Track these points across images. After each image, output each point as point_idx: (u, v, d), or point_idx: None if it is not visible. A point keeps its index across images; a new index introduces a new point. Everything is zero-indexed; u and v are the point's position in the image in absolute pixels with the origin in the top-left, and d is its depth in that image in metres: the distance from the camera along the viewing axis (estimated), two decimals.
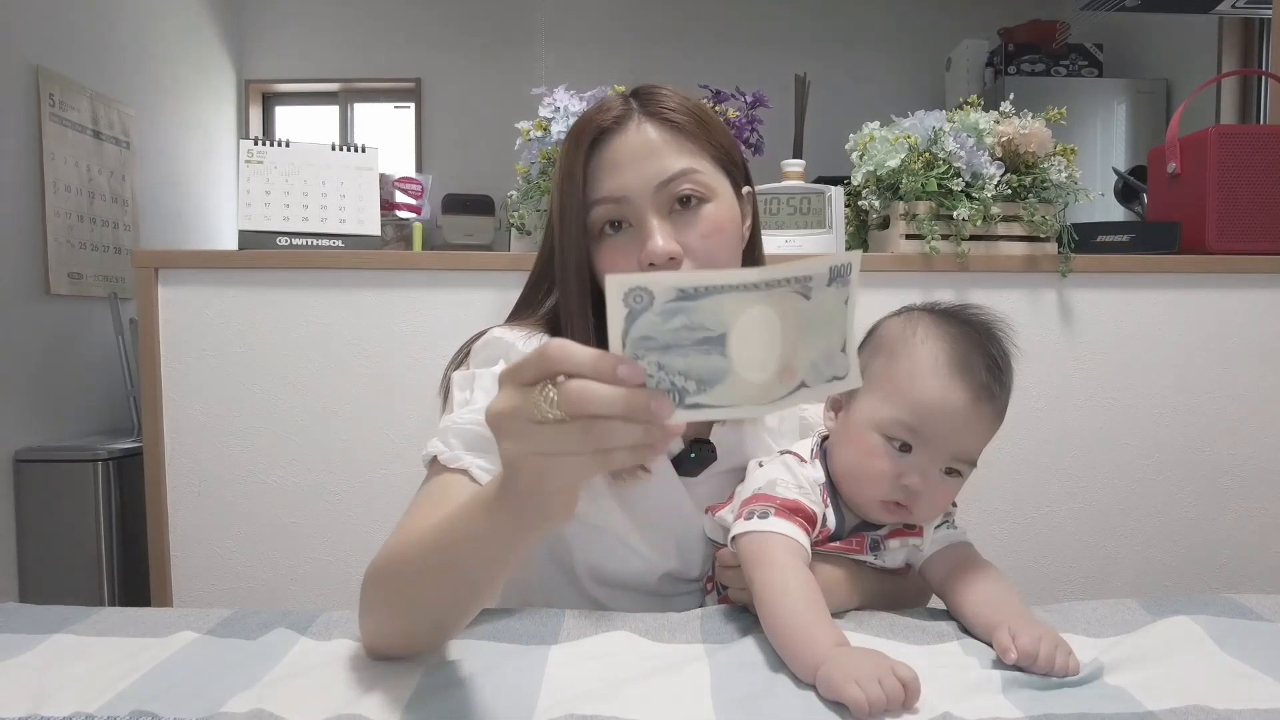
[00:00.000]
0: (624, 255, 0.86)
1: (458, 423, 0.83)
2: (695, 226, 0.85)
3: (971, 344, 0.82)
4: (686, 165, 0.85)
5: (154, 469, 1.61)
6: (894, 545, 0.86)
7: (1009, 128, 1.57)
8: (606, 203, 0.86)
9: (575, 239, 0.87)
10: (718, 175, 0.88)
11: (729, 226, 0.88)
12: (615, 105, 0.88)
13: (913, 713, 0.63)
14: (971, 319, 0.85)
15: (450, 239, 2.49)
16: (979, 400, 0.80)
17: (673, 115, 0.87)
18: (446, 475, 0.81)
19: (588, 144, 0.86)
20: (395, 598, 0.69)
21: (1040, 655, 0.70)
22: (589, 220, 0.87)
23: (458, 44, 4.16)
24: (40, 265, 2.53)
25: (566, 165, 0.88)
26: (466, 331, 0.95)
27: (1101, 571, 1.67)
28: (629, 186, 0.85)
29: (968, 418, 0.80)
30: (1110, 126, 3.64)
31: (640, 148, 0.85)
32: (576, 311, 0.88)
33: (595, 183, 0.86)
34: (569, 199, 0.87)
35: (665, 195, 0.85)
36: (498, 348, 0.89)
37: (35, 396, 2.49)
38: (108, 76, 2.92)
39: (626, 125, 0.87)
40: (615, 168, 0.85)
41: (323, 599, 1.61)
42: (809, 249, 1.61)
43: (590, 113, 0.89)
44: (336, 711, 0.62)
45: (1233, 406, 1.66)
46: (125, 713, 0.62)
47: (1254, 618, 0.82)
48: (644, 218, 0.85)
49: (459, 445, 0.81)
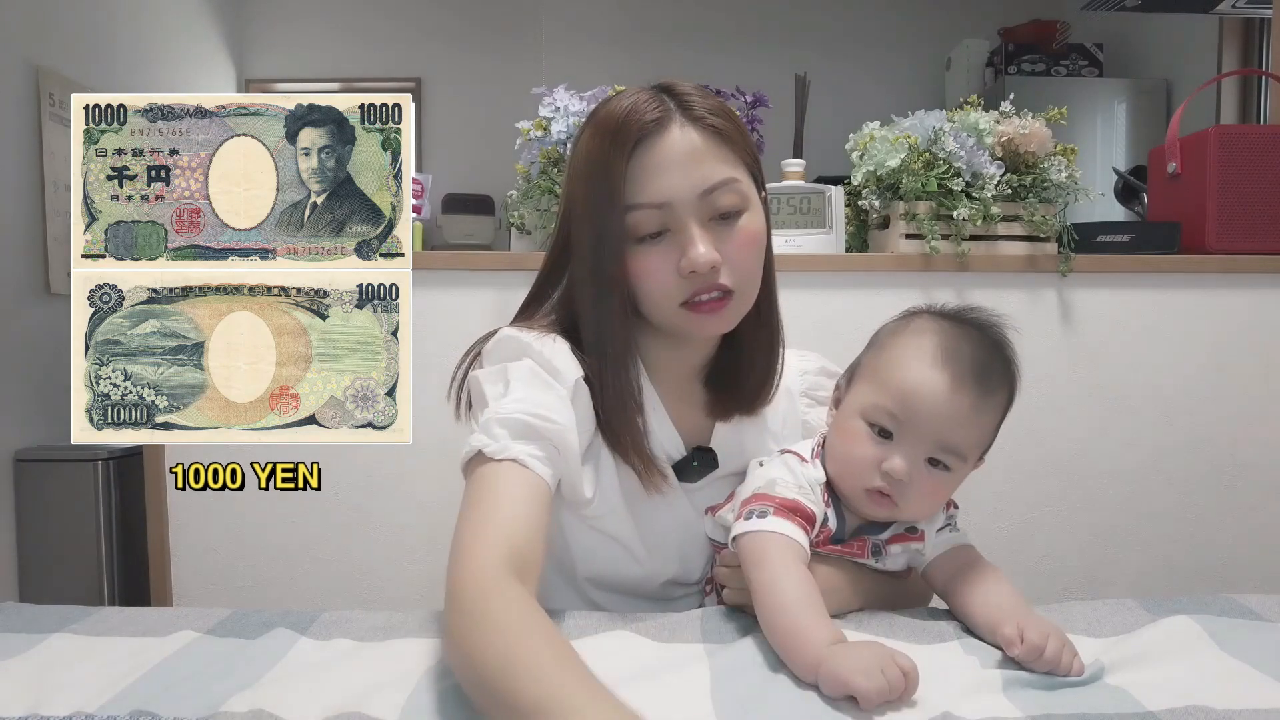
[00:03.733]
0: (661, 261, 0.84)
1: (500, 414, 0.79)
2: (733, 237, 0.84)
3: (962, 337, 0.82)
4: (728, 174, 0.84)
5: (154, 469, 1.61)
6: (896, 550, 0.86)
7: (1009, 127, 1.57)
8: (647, 208, 0.83)
9: (613, 242, 0.84)
10: (749, 182, 0.87)
11: (761, 236, 0.88)
12: (651, 105, 0.84)
13: (911, 705, 0.64)
14: (972, 318, 0.85)
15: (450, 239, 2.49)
16: (961, 388, 0.79)
17: (713, 120, 0.85)
18: (495, 466, 0.77)
19: (630, 145, 0.82)
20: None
21: (1047, 651, 0.70)
22: (626, 224, 0.84)
23: (458, 43, 4.16)
24: (40, 265, 2.53)
25: (603, 164, 0.83)
26: (466, 331, 0.95)
27: (1101, 571, 1.67)
28: (673, 192, 0.82)
29: (949, 405, 0.79)
30: (1110, 126, 3.64)
31: (684, 153, 0.83)
32: (617, 316, 0.85)
33: (635, 185, 0.83)
34: (603, 200, 0.83)
35: (708, 204, 0.83)
36: (515, 345, 0.86)
37: (35, 396, 2.48)
38: (108, 76, 2.92)
39: (669, 128, 0.83)
40: (658, 171, 0.83)
41: (323, 599, 1.61)
42: (809, 249, 1.61)
43: (625, 110, 0.84)
44: (336, 711, 0.62)
45: (1232, 406, 1.66)
46: (125, 713, 0.62)
47: (1254, 618, 0.82)
48: (686, 225, 0.83)
49: (505, 435, 0.78)
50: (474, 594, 0.66)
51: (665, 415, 0.92)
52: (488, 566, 0.69)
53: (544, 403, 0.81)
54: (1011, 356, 0.84)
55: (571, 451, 0.82)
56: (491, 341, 0.89)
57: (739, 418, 0.95)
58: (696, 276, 0.83)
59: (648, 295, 0.86)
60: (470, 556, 0.70)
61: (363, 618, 0.83)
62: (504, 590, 0.67)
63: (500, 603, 0.66)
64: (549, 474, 0.79)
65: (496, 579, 0.67)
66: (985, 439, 0.84)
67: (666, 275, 0.84)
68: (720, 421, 0.95)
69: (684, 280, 0.83)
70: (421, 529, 1.58)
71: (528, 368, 0.84)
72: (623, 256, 0.84)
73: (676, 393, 0.94)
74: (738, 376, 0.94)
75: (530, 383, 0.83)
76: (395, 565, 1.59)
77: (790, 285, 1.55)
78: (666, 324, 0.88)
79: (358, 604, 1.58)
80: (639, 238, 0.84)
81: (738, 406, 0.94)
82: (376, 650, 0.76)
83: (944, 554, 0.88)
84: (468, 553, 0.70)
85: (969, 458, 0.82)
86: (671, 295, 0.84)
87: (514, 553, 0.71)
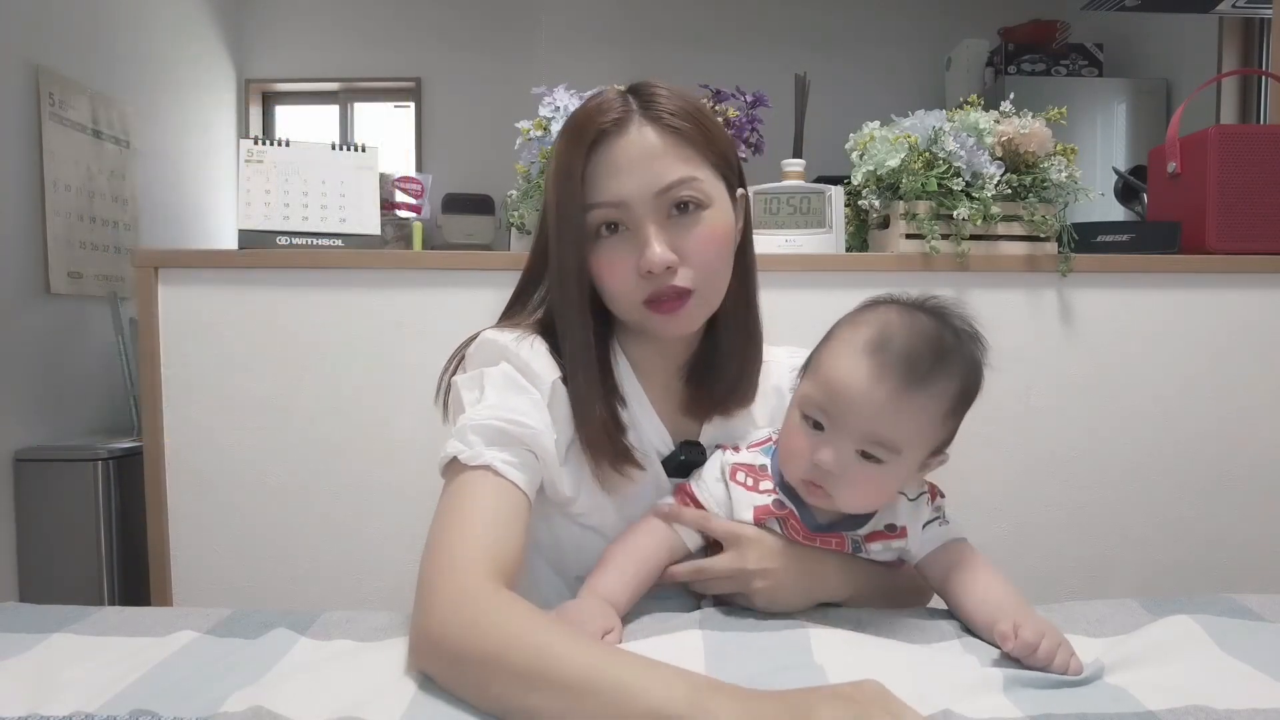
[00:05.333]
0: (621, 258, 0.85)
1: (474, 420, 0.81)
2: (692, 233, 0.85)
3: (901, 328, 0.79)
4: (686, 173, 0.85)
5: (154, 469, 1.61)
6: (876, 548, 0.86)
7: (1009, 127, 1.57)
8: (605, 206, 0.85)
9: (574, 240, 0.86)
10: (715, 181, 0.88)
11: (723, 233, 0.88)
12: (615, 104, 0.86)
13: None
14: (928, 306, 0.83)
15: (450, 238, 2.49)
16: (883, 380, 0.76)
17: (673, 120, 0.86)
18: (471, 474, 0.79)
19: (588, 144, 0.85)
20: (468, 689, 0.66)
21: (1041, 648, 0.70)
22: (586, 221, 0.86)
23: (457, 43, 4.16)
24: (40, 265, 2.53)
25: (564, 164, 0.86)
26: (466, 331, 0.95)
27: (1101, 571, 1.67)
28: (628, 192, 0.84)
29: (874, 398, 0.76)
30: (1110, 126, 3.64)
31: (640, 152, 0.84)
32: (575, 312, 0.87)
33: (594, 185, 0.85)
34: (566, 198, 0.86)
35: (664, 202, 0.84)
36: (493, 349, 0.88)
37: (35, 396, 2.48)
38: (107, 76, 2.92)
39: (627, 127, 0.85)
40: (615, 171, 0.84)
41: (323, 599, 1.61)
42: (809, 249, 1.62)
43: (588, 110, 0.86)
44: (336, 712, 0.62)
45: (1233, 406, 1.66)
46: (125, 712, 0.62)
47: (1254, 618, 0.82)
48: (642, 225, 0.84)
49: (479, 442, 0.80)
50: (471, 601, 0.68)
51: (651, 410, 0.93)
52: (474, 573, 0.71)
53: (517, 408, 0.83)
54: (961, 346, 0.80)
55: (547, 454, 0.83)
56: (473, 345, 0.91)
57: (718, 417, 0.96)
58: (653, 277, 0.84)
59: (611, 293, 0.88)
60: (454, 568, 0.71)
61: (363, 618, 0.83)
62: (499, 592, 0.69)
63: (504, 602, 0.68)
64: (524, 480, 0.80)
65: (488, 584, 0.70)
66: (926, 432, 0.79)
67: (627, 274, 0.85)
68: (700, 420, 0.96)
69: (643, 280, 0.85)
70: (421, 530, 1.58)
71: (502, 373, 0.86)
72: (585, 255, 0.86)
73: (662, 389, 0.95)
74: (712, 377, 0.95)
75: (505, 388, 0.85)
76: (396, 566, 1.59)
77: (790, 285, 1.56)
78: (632, 322, 0.90)
79: (358, 604, 1.58)
80: (601, 236, 0.86)
81: (714, 407, 0.96)
82: (377, 651, 0.76)
83: (937, 550, 0.87)
84: (449, 564, 0.72)
85: (904, 450, 0.78)
86: (632, 293, 0.86)
87: (495, 561, 0.73)
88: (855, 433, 0.78)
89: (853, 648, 0.75)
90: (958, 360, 0.79)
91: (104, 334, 2.70)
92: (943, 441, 0.83)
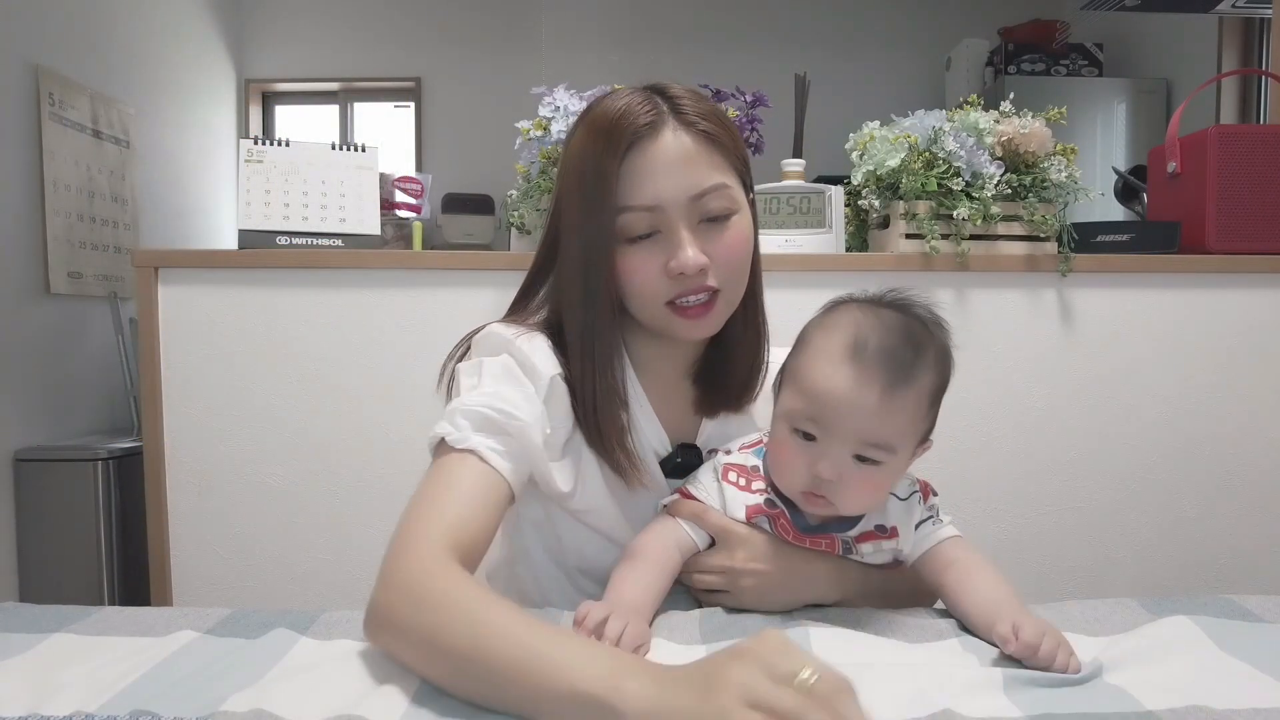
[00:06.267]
0: (648, 260, 0.85)
1: (465, 405, 0.82)
2: (722, 240, 0.86)
3: (871, 329, 0.79)
4: (718, 180, 0.85)
5: (154, 469, 1.61)
6: (867, 550, 0.85)
7: (1009, 127, 1.58)
8: (639, 210, 0.84)
9: (603, 243, 0.85)
10: (739, 186, 0.89)
11: (748, 237, 0.89)
12: (645, 107, 0.85)
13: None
14: (889, 301, 0.84)
15: (450, 238, 2.49)
16: (869, 384, 0.77)
17: (705, 125, 0.86)
18: (454, 456, 0.80)
19: (623, 148, 0.84)
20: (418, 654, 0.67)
21: (1042, 649, 0.70)
22: (616, 225, 0.85)
23: (458, 44, 4.16)
24: (40, 265, 2.53)
25: (595, 166, 0.84)
26: (465, 331, 0.96)
27: (1101, 571, 1.67)
28: (664, 196, 0.84)
29: (864, 402, 0.77)
30: (1110, 126, 3.64)
31: (676, 157, 0.84)
32: (601, 312, 0.86)
33: (627, 188, 0.84)
34: (596, 201, 0.84)
35: (698, 208, 0.85)
36: (496, 341, 0.89)
37: (35, 396, 2.49)
38: (107, 76, 2.92)
39: (661, 131, 0.85)
40: (650, 175, 0.84)
41: (323, 599, 1.61)
42: (809, 249, 1.62)
43: (619, 111, 0.85)
44: (336, 711, 0.62)
45: (1232, 406, 1.66)
46: (125, 712, 0.62)
47: (1253, 618, 0.82)
48: (676, 228, 0.84)
49: (468, 426, 0.81)
50: (420, 578, 0.69)
51: (651, 412, 0.94)
52: (432, 551, 0.71)
53: (509, 398, 0.83)
54: (930, 337, 0.81)
55: (534, 447, 0.83)
56: (479, 336, 0.92)
57: (725, 415, 0.97)
58: (684, 278, 0.84)
59: (634, 294, 0.87)
60: (413, 544, 0.72)
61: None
62: (449, 570, 0.70)
63: (451, 581, 0.68)
64: (508, 468, 0.81)
65: (441, 562, 0.70)
66: (915, 425, 0.81)
67: (653, 274, 0.85)
68: (707, 419, 0.97)
69: (671, 280, 0.85)
70: None
71: (502, 364, 0.86)
72: (612, 256, 0.86)
73: (663, 390, 0.95)
74: (724, 375, 0.95)
75: (501, 378, 0.85)
76: None
77: (790, 285, 1.56)
78: (652, 323, 0.89)
79: (358, 604, 1.58)
80: (629, 238, 0.86)
81: (724, 404, 0.96)
82: (377, 651, 0.75)
83: (932, 549, 0.86)
84: (410, 540, 0.73)
85: (898, 448, 0.79)
86: (658, 294, 0.86)
87: (457, 542, 0.74)
88: (850, 439, 0.78)
89: (852, 647, 0.75)
90: (932, 350, 0.81)
91: (104, 334, 2.70)
92: (927, 430, 0.84)
